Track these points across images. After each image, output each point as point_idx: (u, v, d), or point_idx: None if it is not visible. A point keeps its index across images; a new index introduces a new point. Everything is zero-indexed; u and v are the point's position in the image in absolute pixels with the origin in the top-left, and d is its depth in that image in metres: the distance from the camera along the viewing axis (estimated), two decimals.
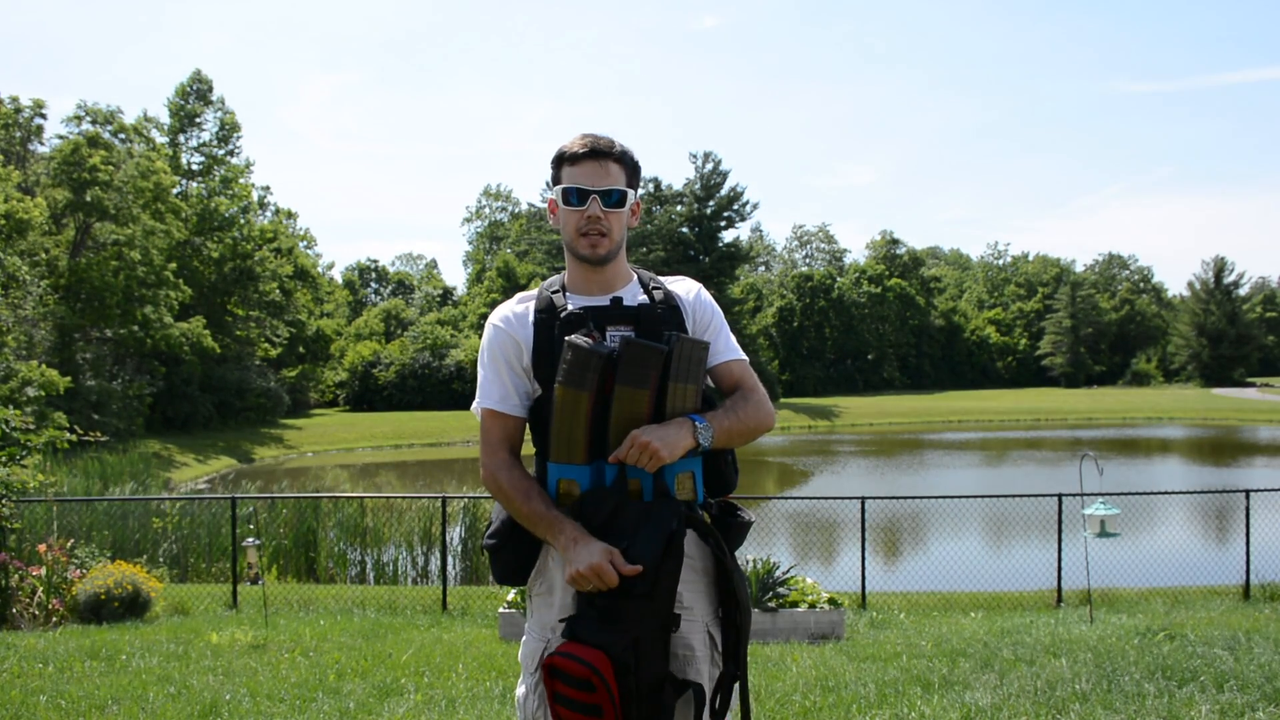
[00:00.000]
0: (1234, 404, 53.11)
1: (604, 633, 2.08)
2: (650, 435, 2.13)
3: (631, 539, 2.10)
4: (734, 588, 2.24)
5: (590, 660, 2.05)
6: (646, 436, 2.13)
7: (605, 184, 2.30)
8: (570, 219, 2.32)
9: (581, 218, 2.29)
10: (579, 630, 2.11)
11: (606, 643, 2.07)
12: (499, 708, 5.06)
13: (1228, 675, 5.17)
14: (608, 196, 2.29)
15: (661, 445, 2.12)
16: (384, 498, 16.65)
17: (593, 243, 2.30)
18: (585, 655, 2.05)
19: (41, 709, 5.06)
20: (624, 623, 2.08)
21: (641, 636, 2.09)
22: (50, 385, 22.70)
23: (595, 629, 2.09)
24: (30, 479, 8.56)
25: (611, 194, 2.30)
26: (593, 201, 2.29)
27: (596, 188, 2.29)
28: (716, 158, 60.53)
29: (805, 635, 7.37)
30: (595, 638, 2.08)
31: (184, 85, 41.03)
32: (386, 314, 67.05)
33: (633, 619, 2.08)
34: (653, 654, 2.11)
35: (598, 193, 2.29)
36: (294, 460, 34.37)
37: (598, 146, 2.30)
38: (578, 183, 2.29)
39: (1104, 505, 8.17)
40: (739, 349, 2.43)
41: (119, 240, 31.00)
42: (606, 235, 2.30)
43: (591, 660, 2.04)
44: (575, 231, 2.31)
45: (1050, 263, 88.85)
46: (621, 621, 2.08)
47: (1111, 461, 19.84)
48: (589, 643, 2.08)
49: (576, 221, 2.30)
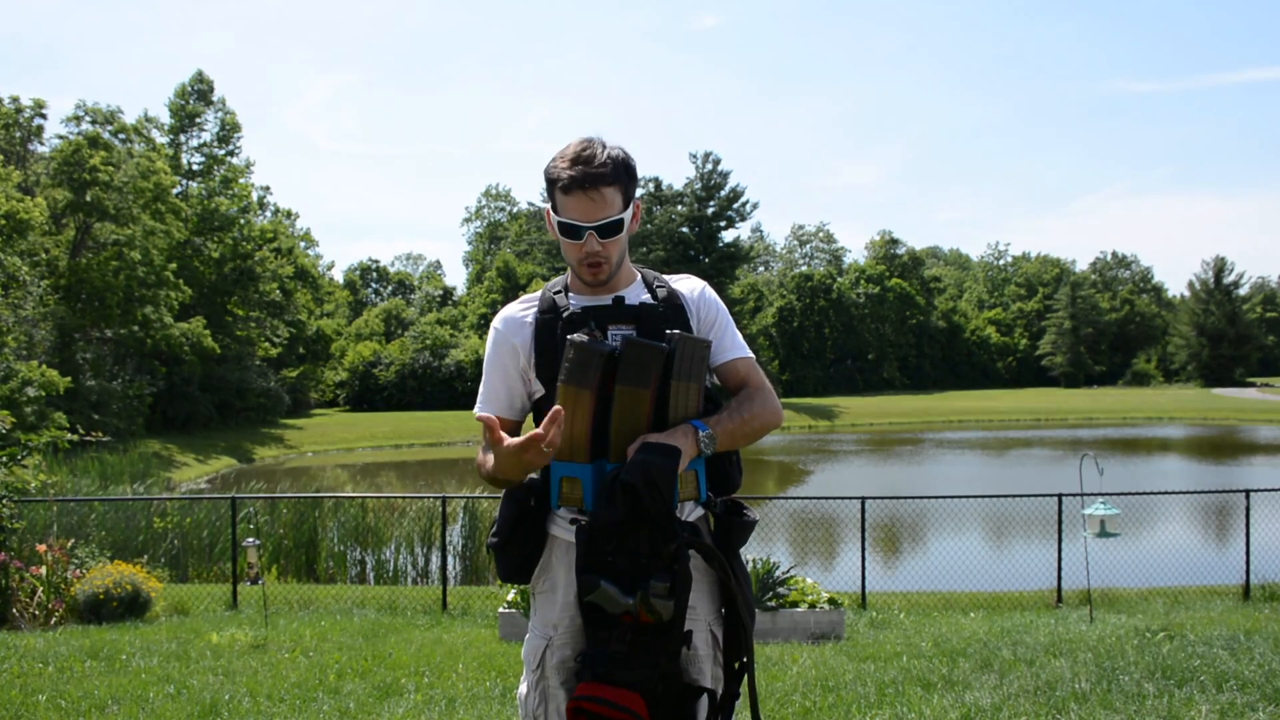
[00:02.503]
0: (1234, 404, 53.09)
1: (632, 670, 2.07)
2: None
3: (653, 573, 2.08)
4: (738, 610, 2.24)
5: (625, 703, 2.04)
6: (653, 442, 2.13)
7: (600, 216, 2.22)
8: (569, 249, 2.29)
9: (580, 250, 2.26)
10: (604, 669, 2.08)
11: (638, 680, 2.06)
12: (499, 708, 5.06)
13: (1227, 675, 5.17)
14: (604, 231, 2.24)
15: None
16: (384, 498, 16.65)
17: (593, 272, 2.28)
18: (619, 699, 2.04)
19: (41, 709, 5.07)
20: (656, 659, 2.08)
21: (669, 668, 2.11)
22: (50, 385, 22.71)
23: (624, 666, 2.07)
24: (31, 479, 8.57)
25: (607, 228, 2.24)
26: (589, 238, 2.24)
27: (591, 223, 2.22)
28: (716, 158, 60.66)
29: (805, 635, 7.37)
30: (625, 677, 2.07)
31: (185, 85, 41.06)
32: (387, 314, 67.06)
33: (663, 655, 2.09)
34: (674, 673, 2.12)
35: (593, 228, 2.23)
36: (294, 460, 34.38)
37: (588, 173, 2.20)
38: (571, 216, 2.22)
39: (1104, 505, 8.17)
40: (745, 346, 2.41)
41: (119, 240, 31.00)
42: (606, 262, 2.27)
43: (626, 703, 2.04)
44: (575, 261, 2.29)
45: (1050, 263, 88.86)
46: (654, 658, 2.08)
47: (1111, 461, 19.82)
48: (619, 683, 2.06)
49: (576, 253, 2.27)
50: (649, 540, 2.09)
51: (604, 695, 2.05)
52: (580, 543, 2.12)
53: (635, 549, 2.09)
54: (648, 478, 2.05)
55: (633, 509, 2.07)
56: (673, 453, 2.10)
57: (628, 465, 2.09)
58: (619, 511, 2.08)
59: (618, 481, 2.08)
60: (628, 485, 2.06)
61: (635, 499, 2.06)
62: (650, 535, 2.09)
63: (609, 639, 2.08)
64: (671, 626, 2.08)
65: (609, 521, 2.09)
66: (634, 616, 2.07)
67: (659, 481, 2.06)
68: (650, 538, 2.09)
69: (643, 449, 2.11)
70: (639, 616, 2.07)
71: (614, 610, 2.07)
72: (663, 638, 2.08)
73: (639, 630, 2.07)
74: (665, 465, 2.08)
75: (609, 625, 2.09)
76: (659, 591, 2.05)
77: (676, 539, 2.10)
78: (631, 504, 2.07)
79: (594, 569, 2.09)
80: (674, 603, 2.06)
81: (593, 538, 2.10)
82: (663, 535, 2.09)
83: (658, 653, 2.08)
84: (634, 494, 2.06)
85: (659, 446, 2.11)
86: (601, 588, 2.06)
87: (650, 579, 2.06)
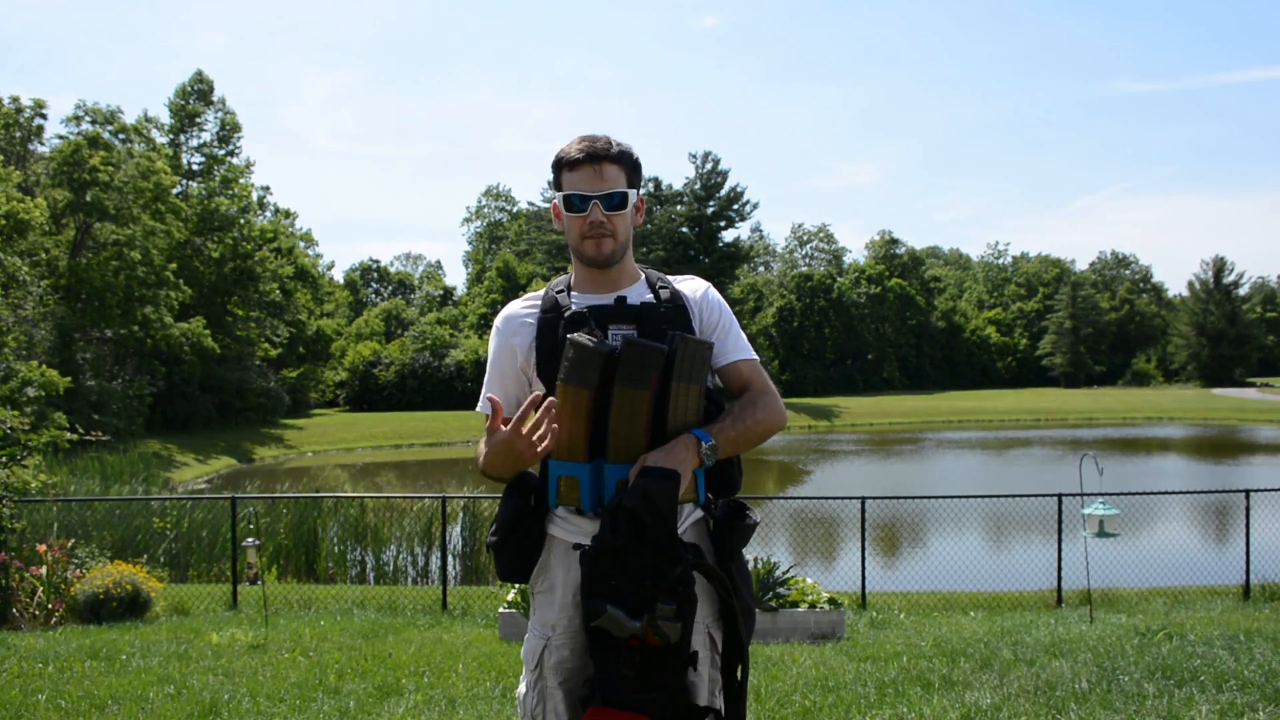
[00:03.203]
0: (1234, 404, 53.09)
1: (642, 694, 2.07)
2: (656, 463, 2.14)
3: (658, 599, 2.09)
4: (738, 629, 2.24)
5: None
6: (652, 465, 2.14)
7: (605, 187, 2.29)
8: (573, 224, 2.33)
9: (584, 223, 2.30)
10: (613, 695, 2.07)
11: (647, 703, 2.07)
12: (499, 708, 5.06)
13: (1227, 675, 5.17)
14: (609, 200, 2.30)
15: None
16: (384, 498, 16.65)
17: (597, 244, 2.31)
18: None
19: (41, 709, 5.07)
20: (664, 682, 2.08)
21: (677, 688, 2.11)
22: (50, 385, 22.70)
23: (633, 690, 2.07)
24: (31, 479, 8.56)
25: (612, 197, 2.30)
26: (594, 207, 2.29)
27: (596, 192, 2.29)
28: (716, 157, 60.68)
29: (805, 635, 7.37)
30: (635, 700, 2.07)
31: (185, 85, 41.05)
32: (387, 314, 67.07)
33: (671, 677, 2.09)
34: (681, 694, 2.13)
35: (598, 197, 2.29)
36: (294, 460, 34.37)
37: (595, 150, 2.29)
38: (578, 188, 2.30)
39: (1104, 505, 8.17)
40: (749, 348, 2.42)
41: (119, 240, 31.01)
42: (610, 236, 2.31)
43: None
44: (579, 236, 2.32)
45: (1050, 263, 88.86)
46: (662, 681, 2.08)
47: (1111, 461, 19.83)
48: (627, 707, 2.07)
49: (579, 227, 2.31)
50: (653, 564, 2.08)
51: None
52: (584, 567, 2.12)
53: (639, 573, 2.08)
54: (649, 504, 2.06)
55: (635, 534, 2.07)
56: (672, 476, 2.11)
57: (628, 492, 2.10)
58: (622, 538, 2.08)
59: (620, 508, 2.08)
60: (630, 511, 2.06)
61: (638, 525, 2.07)
62: (654, 559, 2.09)
63: (617, 663, 2.08)
64: (679, 649, 2.08)
65: (612, 547, 2.09)
66: (641, 640, 2.07)
67: (660, 506, 2.07)
68: (654, 561, 2.08)
69: (643, 474, 2.11)
70: (646, 640, 2.06)
71: (621, 634, 2.06)
72: (670, 660, 2.08)
73: (646, 653, 2.07)
74: (665, 490, 2.09)
75: (616, 649, 2.08)
76: (666, 614, 2.05)
77: (681, 562, 2.10)
78: (634, 530, 2.07)
79: (599, 594, 2.08)
80: (681, 625, 2.06)
81: (596, 562, 2.10)
82: (667, 559, 2.09)
83: (666, 675, 2.08)
84: (636, 520, 2.06)
85: (659, 471, 2.11)
86: (608, 612, 2.06)
87: (656, 602, 2.06)
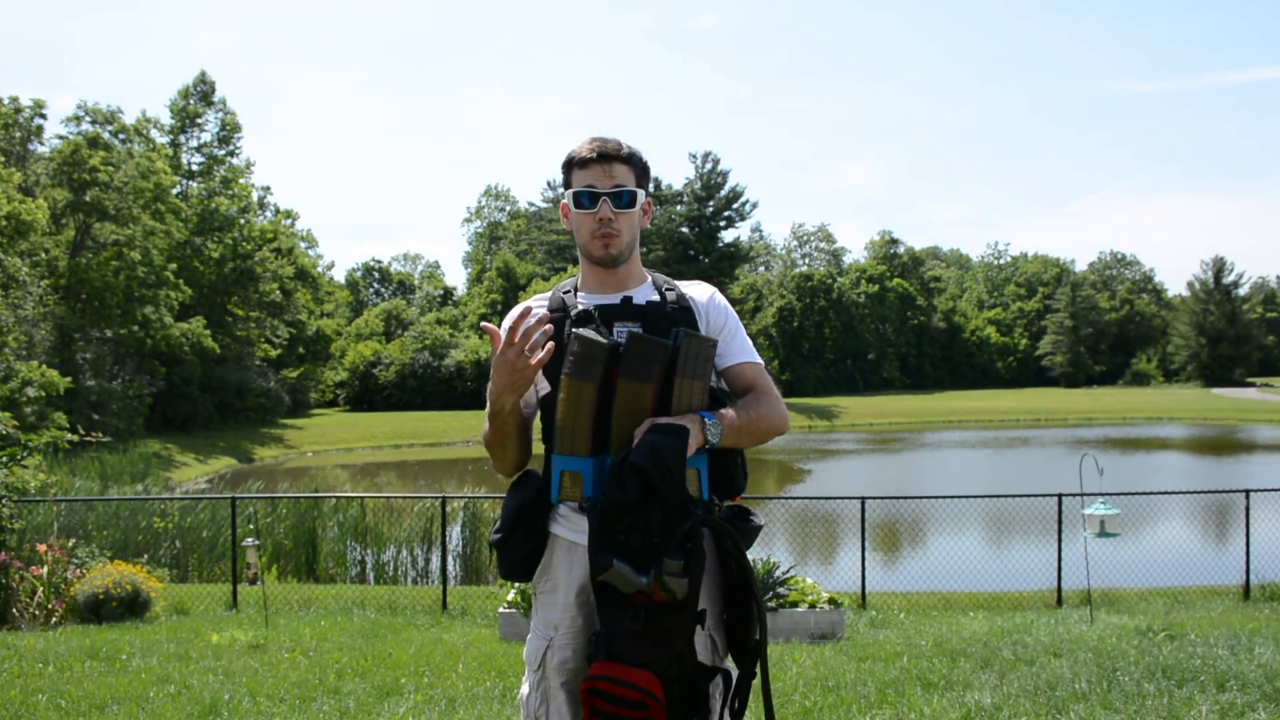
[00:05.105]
0: (1234, 404, 53.11)
1: (647, 650, 2.06)
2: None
3: (668, 552, 2.08)
4: (753, 590, 2.23)
5: (639, 683, 2.03)
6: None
7: (614, 186, 2.33)
8: (582, 222, 2.35)
9: (593, 220, 2.33)
10: (618, 650, 2.07)
11: (651, 659, 2.06)
12: (499, 708, 5.06)
13: (1228, 675, 5.18)
14: (618, 198, 2.33)
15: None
16: (384, 498, 16.65)
17: (605, 243, 2.33)
18: (632, 678, 2.04)
19: (41, 709, 5.07)
20: (670, 638, 2.08)
21: (684, 645, 2.10)
22: (50, 385, 22.73)
23: (638, 647, 2.06)
24: (31, 479, 8.57)
25: (622, 195, 2.33)
26: (603, 204, 2.32)
27: (606, 190, 2.33)
28: (716, 157, 60.71)
29: (805, 635, 7.37)
30: (638, 656, 2.06)
31: (188, 86, 41.07)
32: (387, 314, 67.06)
33: (677, 634, 2.08)
34: (688, 652, 2.12)
35: (607, 194, 2.32)
36: (294, 460, 34.39)
37: (605, 150, 2.34)
38: (588, 186, 2.33)
39: (1104, 505, 8.18)
40: (754, 352, 2.44)
41: (119, 240, 31.02)
42: (618, 235, 2.34)
43: (641, 683, 2.03)
44: (588, 234, 2.34)
45: (1050, 263, 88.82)
46: (668, 637, 2.07)
47: (1111, 461, 19.82)
48: (632, 662, 2.06)
49: (589, 224, 2.34)
50: (661, 519, 2.09)
51: (618, 675, 2.05)
52: (592, 523, 2.12)
53: (648, 528, 2.09)
54: (657, 458, 2.06)
55: (643, 490, 2.07)
56: (681, 432, 2.12)
57: (636, 446, 2.09)
58: (630, 494, 2.08)
59: (627, 463, 2.08)
60: (638, 467, 2.06)
61: (645, 480, 2.06)
62: (663, 514, 2.09)
63: (623, 618, 2.07)
64: (685, 605, 2.07)
65: (620, 503, 2.09)
66: (648, 596, 2.06)
67: (669, 461, 2.07)
68: (663, 516, 2.09)
69: (651, 430, 2.12)
70: (653, 596, 2.06)
71: (627, 590, 2.06)
72: (677, 617, 2.07)
73: (653, 610, 2.06)
74: (674, 445, 2.09)
75: (622, 605, 2.08)
76: (673, 570, 2.05)
77: (690, 517, 2.11)
78: (642, 485, 2.07)
79: (606, 548, 2.09)
80: (688, 581, 2.06)
81: (604, 517, 2.11)
82: (675, 514, 2.09)
83: (672, 632, 2.07)
84: (644, 475, 2.06)
85: (667, 426, 2.12)
86: (615, 567, 2.06)
87: (664, 557, 2.06)
